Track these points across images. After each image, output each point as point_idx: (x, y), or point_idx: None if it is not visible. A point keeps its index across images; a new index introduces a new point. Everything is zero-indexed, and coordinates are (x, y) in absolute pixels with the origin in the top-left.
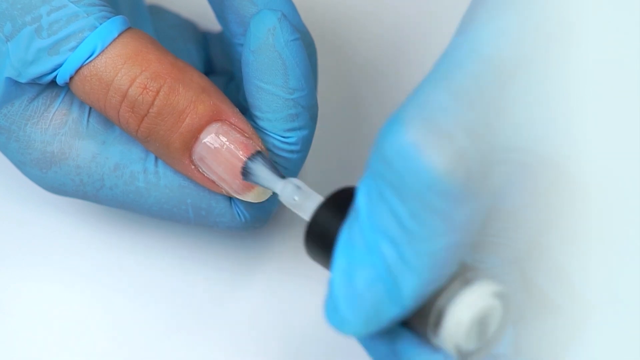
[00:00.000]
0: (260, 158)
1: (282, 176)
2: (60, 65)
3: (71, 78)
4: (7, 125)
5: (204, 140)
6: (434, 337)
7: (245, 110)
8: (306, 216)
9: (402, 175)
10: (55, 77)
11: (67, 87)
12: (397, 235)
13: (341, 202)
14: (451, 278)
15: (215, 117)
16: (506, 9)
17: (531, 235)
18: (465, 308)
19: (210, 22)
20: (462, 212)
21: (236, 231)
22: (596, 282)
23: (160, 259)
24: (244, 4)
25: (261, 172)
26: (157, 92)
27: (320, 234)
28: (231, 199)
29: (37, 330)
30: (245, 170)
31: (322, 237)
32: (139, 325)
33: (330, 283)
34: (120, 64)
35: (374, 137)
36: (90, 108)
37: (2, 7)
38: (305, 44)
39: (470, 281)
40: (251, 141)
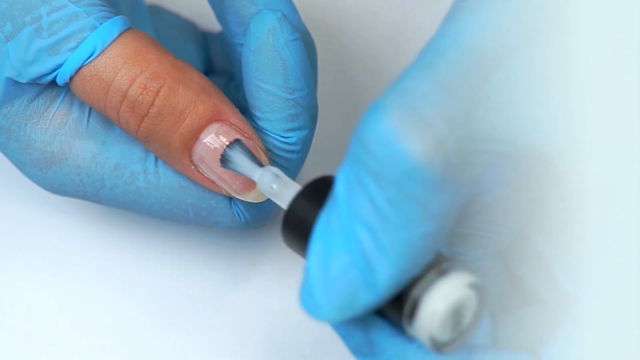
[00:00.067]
0: (239, 146)
1: (261, 165)
2: (60, 66)
3: (71, 78)
4: (7, 125)
5: (204, 141)
6: (408, 327)
7: (245, 110)
8: (284, 204)
9: (381, 162)
10: (55, 77)
11: (67, 87)
12: (374, 222)
13: (320, 190)
14: (427, 268)
15: (215, 117)
16: (492, 1)
17: (515, 228)
18: (440, 299)
19: (210, 22)
20: (439, 201)
21: (236, 231)
22: (577, 275)
23: (160, 259)
24: (244, 4)
25: (239, 160)
26: (157, 92)
27: (298, 221)
28: (231, 199)
29: (37, 330)
30: (224, 158)
31: (300, 225)
32: (138, 325)
33: (306, 268)
34: (120, 64)
35: None
36: (90, 108)
37: (2, 7)
38: (305, 44)
39: (446, 272)
40: (251, 141)
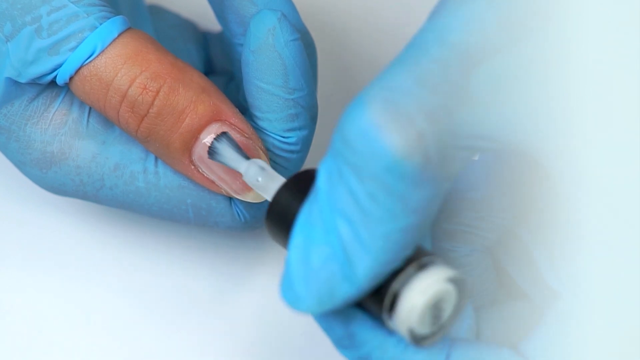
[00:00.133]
0: (226, 138)
1: (247, 157)
2: (60, 66)
3: (71, 78)
4: (7, 125)
5: (204, 141)
6: (388, 320)
7: (245, 110)
8: (269, 197)
9: (361, 156)
10: (55, 77)
11: (67, 87)
12: (354, 215)
13: (303, 183)
14: (407, 262)
15: (215, 117)
16: None
17: (502, 224)
18: (419, 293)
19: (210, 22)
20: (419, 195)
21: (236, 231)
22: (561, 271)
23: (160, 259)
24: (244, 4)
25: (226, 152)
26: (157, 92)
27: (281, 214)
28: (231, 199)
29: (37, 330)
30: (211, 150)
31: (283, 217)
32: (139, 325)
33: (287, 260)
34: (120, 64)
35: None
36: (90, 108)
37: (2, 7)
38: (305, 44)
39: (426, 266)
40: (251, 141)
